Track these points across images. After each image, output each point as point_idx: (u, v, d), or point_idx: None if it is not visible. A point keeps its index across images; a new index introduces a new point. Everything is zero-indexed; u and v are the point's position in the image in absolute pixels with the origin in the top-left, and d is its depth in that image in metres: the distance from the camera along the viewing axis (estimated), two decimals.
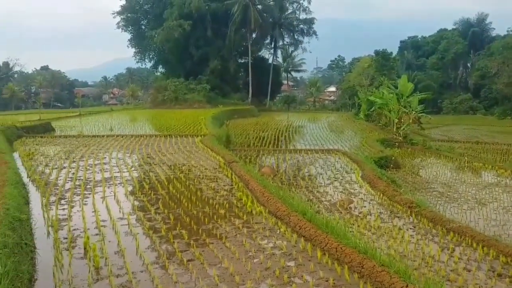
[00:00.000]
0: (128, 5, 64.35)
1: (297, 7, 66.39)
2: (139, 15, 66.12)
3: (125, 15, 65.17)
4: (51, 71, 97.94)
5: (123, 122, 34.54)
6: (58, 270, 6.10)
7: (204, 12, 58.60)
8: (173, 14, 57.92)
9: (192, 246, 7.10)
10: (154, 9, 63.88)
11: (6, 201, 8.18)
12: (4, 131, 21.71)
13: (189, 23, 56.58)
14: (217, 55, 60.29)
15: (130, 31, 66.65)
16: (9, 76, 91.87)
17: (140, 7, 65.24)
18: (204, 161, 15.29)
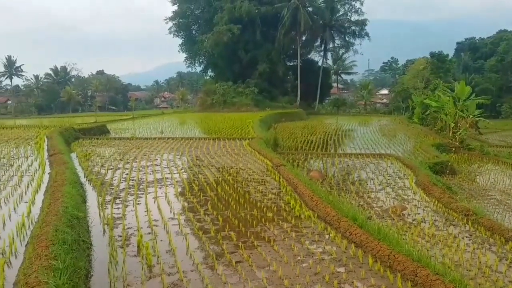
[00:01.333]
0: (179, 10, 66.12)
1: (349, 8, 65.55)
2: (190, 20, 67.72)
3: (176, 20, 67.04)
4: (106, 75, 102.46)
5: (173, 125, 35.43)
6: (113, 266, 6.31)
7: (253, 15, 59.17)
8: (223, 19, 58.89)
9: (240, 248, 7.13)
10: (204, 14, 65.21)
11: (65, 199, 8.57)
12: (62, 133, 22.88)
13: (238, 27, 57.35)
14: (265, 59, 60.62)
15: (181, 36, 68.48)
16: (67, 80, 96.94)
17: (191, 13, 66.81)
18: (251, 164, 15.36)
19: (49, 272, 5.01)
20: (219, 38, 57.79)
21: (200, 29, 66.09)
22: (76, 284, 5.13)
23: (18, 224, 7.67)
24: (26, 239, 7.07)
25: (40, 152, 17.21)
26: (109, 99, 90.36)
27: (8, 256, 6.37)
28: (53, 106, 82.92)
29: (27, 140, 21.93)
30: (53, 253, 5.57)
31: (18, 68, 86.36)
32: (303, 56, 65.24)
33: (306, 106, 60.54)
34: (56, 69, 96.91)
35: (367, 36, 65.80)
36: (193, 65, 71.35)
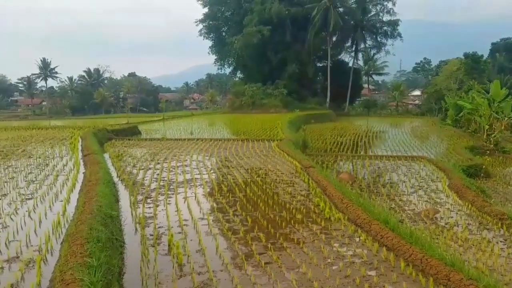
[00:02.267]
0: (210, 12, 66.86)
1: (381, 8, 64.54)
2: (220, 22, 68.35)
3: (207, 22, 67.80)
4: (137, 77, 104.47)
5: (202, 126, 35.79)
6: (144, 265, 6.43)
7: (283, 17, 59.18)
8: (253, 20, 59.17)
9: (269, 249, 7.14)
10: (234, 16, 65.65)
11: (99, 198, 8.80)
12: (96, 134, 23.50)
13: (268, 29, 57.47)
14: (295, 60, 60.51)
15: (211, 38, 69.17)
16: (100, 82, 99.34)
17: (221, 15, 67.42)
18: (280, 166, 15.34)
19: (84, 269, 5.16)
20: (248, 40, 58.04)
21: (230, 31, 66.57)
22: (110, 281, 5.26)
23: (54, 223, 7.92)
24: (61, 237, 7.29)
25: (74, 152, 17.72)
26: (141, 100, 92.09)
27: (44, 253, 6.59)
28: (87, 108, 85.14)
29: (62, 141, 22.62)
30: (88, 251, 5.72)
31: (52, 70, 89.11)
32: (333, 57, 64.67)
33: (336, 108, 59.99)
34: (89, 71, 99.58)
35: (399, 37, 64.64)
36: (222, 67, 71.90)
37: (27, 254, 6.58)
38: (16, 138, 24.62)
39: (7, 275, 5.84)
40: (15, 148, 19.80)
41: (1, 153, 18.09)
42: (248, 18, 60.12)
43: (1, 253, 6.65)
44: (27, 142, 22.44)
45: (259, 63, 62.17)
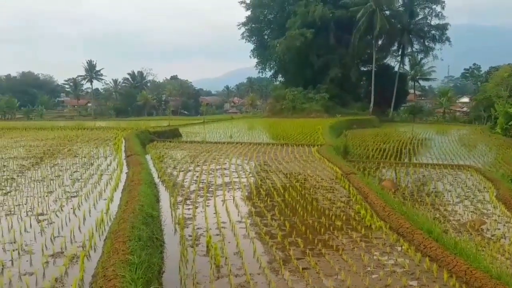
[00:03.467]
0: (253, 15, 67.21)
1: (429, 12, 62.57)
2: (262, 25, 68.60)
3: (249, 25, 68.22)
4: (179, 80, 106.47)
5: (242, 130, 36.00)
6: (183, 264, 6.49)
7: (327, 19, 58.62)
8: (296, 23, 58.93)
9: (307, 255, 7.04)
10: (277, 19, 65.71)
11: (141, 198, 9.00)
12: (138, 135, 24.12)
13: (311, 32, 57.05)
14: (338, 63, 59.70)
15: (253, 41, 69.53)
16: (143, 84, 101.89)
17: (264, 18, 67.63)
18: (320, 171, 15.16)
19: (125, 266, 5.27)
20: (291, 43, 57.83)
21: (272, 34, 66.67)
22: (150, 279, 5.34)
23: (97, 220, 8.18)
24: (104, 234, 7.52)
25: (118, 153, 18.27)
26: (182, 103, 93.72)
27: (87, 249, 6.80)
28: (130, 110, 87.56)
29: (106, 141, 23.38)
30: (129, 249, 5.85)
31: (98, 72, 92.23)
32: (378, 61, 63.24)
33: (379, 113, 58.59)
34: (133, 74, 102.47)
35: (448, 41, 62.42)
36: (263, 71, 72.01)
37: (71, 249, 6.81)
38: (63, 137, 25.68)
39: (52, 269, 6.07)
40: (61, 147, 20.65)
41: (48, 152, 18.91)
42: (291, 21, 59.95)
43: (47, 248, 6.91)
44: (73, 141, 23.36)
45: (301, 66, 61.77)
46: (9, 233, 7.62)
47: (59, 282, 5.65)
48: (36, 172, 13.84)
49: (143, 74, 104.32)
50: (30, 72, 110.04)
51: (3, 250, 6.79)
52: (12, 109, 72.31)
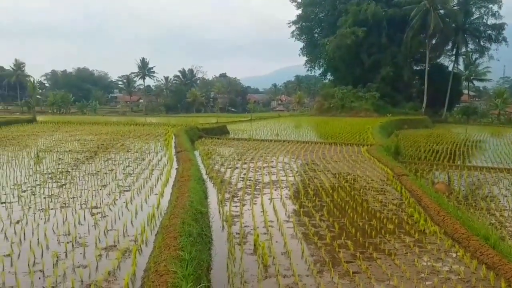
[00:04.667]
0: (303, 14, 67.19)
1: (485, 11, 59.71)
2: (313, 24, 68.35)
3: (299, 24, 68.19)
4: (228, 78, 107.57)
5: (289, 128, 35.82)
6: (231, 262, 6.49)
7: (380, 18, 57.53)
8: (347, 21, 58.31)
9: (358, 258, 6.84)
10: (328, 18, 65.25)
11: (191, 194, 9.11)
12: (188, 132, 24.56)
13: (363, 30, 56.28)
14: (390, 62, 58.34)
15: (303, 39, 69.42)
16: (193, 82, 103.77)
17: (315, 16, 67.34)
18: (370, 172, 14.77)
19: (176, 262, 5.32)
20: (342, 41, 57.23)
21: (323, 33, 66.25)
22: (199, 276, 5.35)
23: (149, 215, 8.34)
24: (155, 229, 7.65)
25: (168, 149, 18.67)
26: (229, 100, 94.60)
27: (139, 243, 6.93)
28: (179, 106, 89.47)
29: (156, 137, 24.00)
30: (180, 244, 5.90)
31: (150, 70, 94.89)
32: (431, 60, 61.06)
33: (432, 114, 56.59)
34: (183, 71, 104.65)
35: (504, 41, 59.40)
36: (312, 69, 71.70)
37: (124, 243, 6.97)
38: (116, 132, 26.62)
39: (104, 262, 6.22)
40: (114, 142, 21.41)
41: (102, 146, 19.65)
42: (343, 19, 59.31)
43: (100, 241, 7.11)
44: (125, 137, 24.15)
45: (351, 65, 60.90)
46: (63, 226, 7.89)
47: (112, 275, 5.76)
48: (90, 166, 14.39)
49: (193, 71, 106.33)
50: (86, 68, 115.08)
51: (58, 242, 7.03)
52: (67, 104, 75.68)
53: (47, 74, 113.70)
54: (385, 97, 56.88)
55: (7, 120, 34.32)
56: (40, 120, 37.11)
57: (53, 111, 72.70)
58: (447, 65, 65.66)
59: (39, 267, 5.97)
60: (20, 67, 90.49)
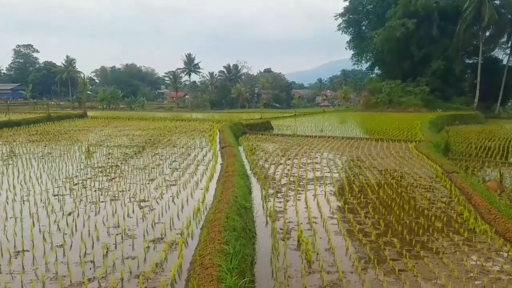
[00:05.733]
0: (351, 6, 66.19)
1: None
2: (360, 16, 67.28)
3: (346, 16, 67.20)
4: (272, 73, 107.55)
5: (334, 123, 35.39)
6: (274, 257, 6.52)
7: (431, 9, 55.67)
8: (397, 13, 56.92)
9: (404, 256, 6.70)
10: (376, 9, 64.02)
11: (235, 189, 9.24)
12: (232, 127, 24.82)
13: (413, 22, 54.74)
14: (441, 55, 56.37)
15: (350, 32, 68.43)
16: (237, 77, 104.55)
17: (362, 8, 66.26)
18: (418, 169, 14.36)
19: (221, 255, 5.43)
20: (390, 34, 55.88)
21: (371, 25, 65.07)
22: (243, 270, 5.44)
23: (194, 209, 8.56)
24: (201, 222, 7.83)
25: (213, 144, 18.97)
26: (273, 96, 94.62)
27: (185, 237, 7.13)
28: (224, 102, 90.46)
29: (202, 132, 24.41)
30: (224, 238, 6.03)
31: (196, 65, 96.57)
32: (485, 53, 58.33)
33: (484, 109, 54.20)
34: (228, 67, 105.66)
35: None
36: (359, 62, 70.58)
37: (171, 236, 7.19)
38: (162, 128, 27.32)
39: (152, 254, 6.45)
40: (161, 137, 21.99)
41: (149, 141, 20.24)
42: (392, 11, 57.89)
43: (148, 233, 7.37)
44: (171, 132, 24.74)
45: (400, 58, 59.30)
46: (113, 218, 8.23)
47: (159, 267, 5.97)
48: (139, 160, 14.87)
49: (238, 67, 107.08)
50: (133, 64, 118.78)
51: (108, 234, 7.34)
52: (116, 100, 78.35)
53: (97, 70, 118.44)
54: (435, 91, 55.04)
55: (59, 115, 35.96)
56: (90, 115, 38.66)
57: (103, 106, 75.41)
58: (501, 58, 62.59)
59: (89, 258, 6.26)
60: (71, 63, 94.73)
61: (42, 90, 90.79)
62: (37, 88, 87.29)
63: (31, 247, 6.64)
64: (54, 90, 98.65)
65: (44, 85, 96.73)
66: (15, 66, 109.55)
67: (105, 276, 5.66)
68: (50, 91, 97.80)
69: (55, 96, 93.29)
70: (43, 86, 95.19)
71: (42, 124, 29.34)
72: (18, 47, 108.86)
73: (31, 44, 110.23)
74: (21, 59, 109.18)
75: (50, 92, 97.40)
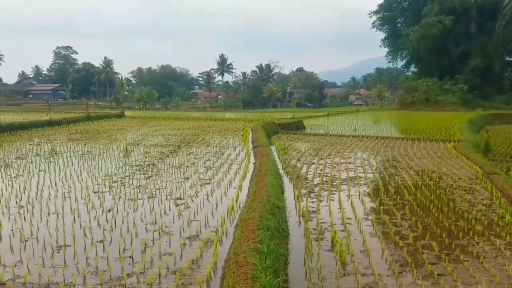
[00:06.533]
0: (385, 3, 65.25)
1: None
2: (395, 13, 66.22)
3: (381, 14, 66.16)
4: (305, 72, 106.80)
5: (367, 123, 34.84)
6: (308, 258, 6.47)
7: (469, 6, 54.15)
8: (433, 10, 55.62)
9: (443, 260, 6.50)
10: (412, 6, 62.84)
11: (268, 189, 9.24)
12: (264, 127, 24.84)
13: (450, 19, 53.29)
14: (479, 53, 54.59)
15: (384, 30, 67.39)
16: (270, 77, 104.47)
17: (397, 5, 65.16)
18: (457, 170, 13.93)
19: (255, 254, 5.44)
20: (427, 31, 54.64)
21: (406, 22, 63.90)
22: (277, 269, 5.42)
23: (228, 207, 8.63)
24: (234, 221, 7.89)
25: (246, 144, 19.05)
26: (306, 95, 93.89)
27: (220, 235, 7.20)
28: (256, 101, 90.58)
29: (234, 132, 24.56)
30: (258, 237, 6.03)
31: (229, 66, 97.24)
32: None
33: None
34: (261, 66, 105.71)
35: None
36: (394, 60, 69.38)
37: (206, 234, 7.28)
38: (196, 127, 27.67)
39: (188, 251, 6.56)
40: (195, 136, 22.28)
41: (184, 140, 20.54)
42: (428, 8, 56.62)
43: (184, 230, 7.49)
44: (205, 132, 25.02)
45: (437, 56, 57.82)
46: (150, 215, 8.42)
47: (195, 264, 6.06)
48: (174, 159, 15.12)
49: (270, 66, 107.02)
50: (169, 65, 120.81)
51: (146, 230, 7.51)
52: (152, 100, 79.91)
53: (133, 71, 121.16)
54: (474, 90, 53.34)
55: (98, 115, 37.10)
56: (128, 115, 39.67)
57: (139, 106, 77.09)
58: None
59: (128, 253, 6.42)
60: (109, 64, 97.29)
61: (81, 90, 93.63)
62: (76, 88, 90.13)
63: (72, 242, 6.89)
64: (92, 90, 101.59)
65: (83, 85, 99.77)
66: (55, 67, 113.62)
67: (143, 272, 5.79)
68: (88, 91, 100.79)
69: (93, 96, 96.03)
70: (82, 86, 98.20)
71: (81, 124, 30.34)
72: (58, 49, 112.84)
73: (70, 46, 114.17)
74: (61, 60, 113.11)
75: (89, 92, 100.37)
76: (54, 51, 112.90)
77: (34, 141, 20.12)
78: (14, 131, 24.02)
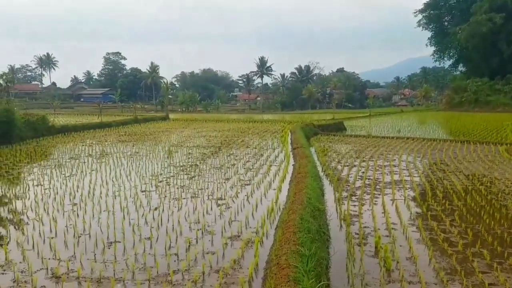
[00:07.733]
0: (432, 2, 63.44)
1: None
2: (442, 11, 64.32)
3: (427, 12, 64.37)
4: (345, 73, 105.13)
5: (412, 124, 33.89)
6: (350, 263, 6.29)
7: None
8: (483, 8, 53.46)
9: (495, 269, 6.13)
10: (460, 4, 60.84)
11: (308, 191, 9.10)
12: (303, 128, 24.64)
13: (501, 16, 51.10)
14: None
15: (431, 28, 65.59)
16: (309, 78, 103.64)
17: (444, 3, 63.28)
18: (510, 174, 13.21)
19: (297, 257, 5.36)
20: (476, 29, 52.54)
21: (454, 21, 61.86)
22: (319, 273, 5.29)
23: (268, 208, 8.59)
24: (275, 222, 7.83)
25: (285, 145, 18.97)
26: (346, 96, 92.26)
27: (261, 236, 7.17)
28: (295, 103, 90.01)
29: (273, 133, 24.52)
30: (299, 240, 5.93)
31: (268, 68, 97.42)
32: None
33: None
34: (300, 68, 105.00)
35: None
36: (441, 59, 67.14)
37: (246, 234, 7.29)
38: (236, 129, 27.88)
39: (230, 251, 6.59)
40: (235, 138, 22.44)
41: (225, 142, 20.74)
42: (477, 5, 54.48)
43: (225, 230, 7.55)
44: (245, 133, 25.15)
45: (487, 55, 55.50)
46: (194, 214, 8.57)
47: (237, 263, 6.09)
48: (215, 160, 15.28)
49: (309, 67, 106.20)
50: (210, 69, 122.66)
51: (190, 229, 7.65)
52: (194, 103, 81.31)
53: (177, 75, 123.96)
54: None
55: (145, 118, 38.59)
56: (172, 118, 40.64)
57: (182, 109, 78.64)
58: None
59: (174, 251, 6.56)
60: (155, 69, 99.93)
61: (128, 94, 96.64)
62: (124, 92, 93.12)
63: (122, 238, 7.13)
64: (139, 94, 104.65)
65: (131, 89, 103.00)
66: (105, 72, 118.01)
67: (188, 269, 5.88)
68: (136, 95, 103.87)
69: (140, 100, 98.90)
70: (129, 90, 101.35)
71: (129, 126, 31.47)
72: (107, 55, 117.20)
73: (119, 52, 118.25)
74: (110, 65, 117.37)
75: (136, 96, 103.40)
76: (104, 57, 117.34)
77: (86, 142, 21.00)
78: (68, 132, 25.17)
